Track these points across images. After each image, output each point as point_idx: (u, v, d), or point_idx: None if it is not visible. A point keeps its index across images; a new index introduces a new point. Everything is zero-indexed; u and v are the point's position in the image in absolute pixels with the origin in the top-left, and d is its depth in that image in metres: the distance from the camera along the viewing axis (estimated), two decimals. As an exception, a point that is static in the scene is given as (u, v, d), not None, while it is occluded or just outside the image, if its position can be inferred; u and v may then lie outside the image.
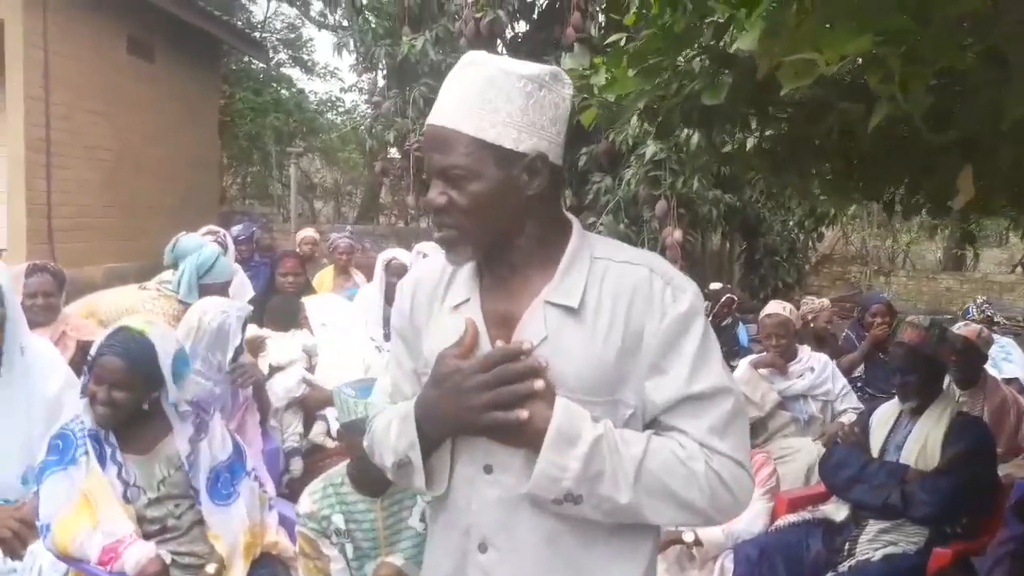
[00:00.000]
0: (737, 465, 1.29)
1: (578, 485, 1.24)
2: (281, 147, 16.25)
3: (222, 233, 5.91)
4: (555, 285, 1.33)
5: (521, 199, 1.32)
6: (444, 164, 1.30)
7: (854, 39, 1.16)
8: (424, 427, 1.34)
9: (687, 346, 1.29)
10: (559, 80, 1.34)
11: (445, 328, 1.38)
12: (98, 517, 2.47)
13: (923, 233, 17.37)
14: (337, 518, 2.57)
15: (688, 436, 1.29)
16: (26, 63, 8.10)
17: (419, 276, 1.50)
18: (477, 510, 1.35)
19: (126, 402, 2.53)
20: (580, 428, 1.25)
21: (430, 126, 1.32)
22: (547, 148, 1.31)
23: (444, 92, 1.33)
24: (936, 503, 3.08)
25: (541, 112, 1.30)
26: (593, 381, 1.29)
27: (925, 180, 2.36)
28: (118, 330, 2.61)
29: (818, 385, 4.36)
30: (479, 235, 1.33)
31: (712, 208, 8.75)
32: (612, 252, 1.37)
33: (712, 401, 1.29)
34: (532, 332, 1.31)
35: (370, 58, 10.19)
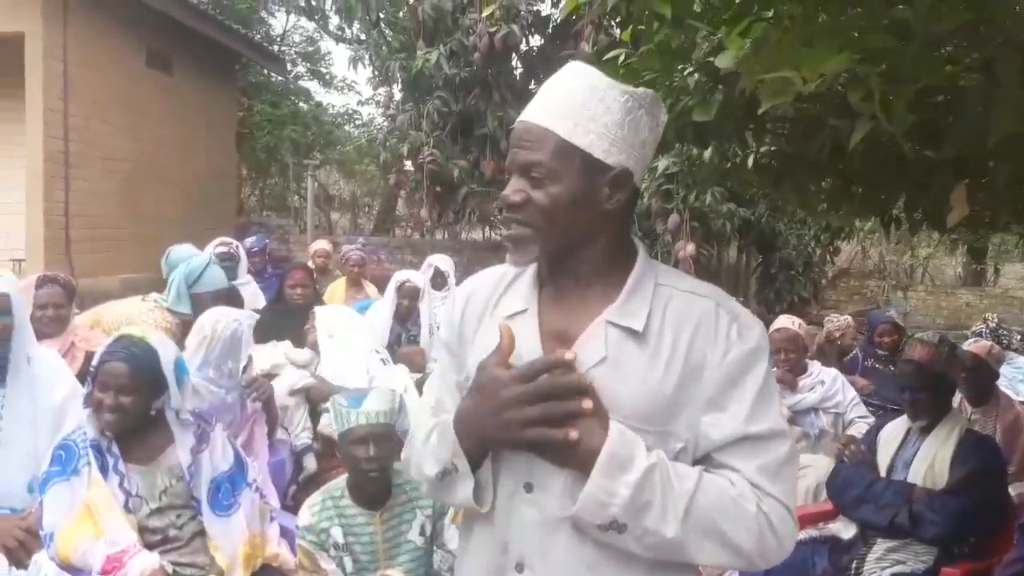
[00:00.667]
0: (785, 510, 1.25)
1: (624, 513, 1.19)
2: (299, 159, 16.37)
3: (235, 244, 5.97)
4: (619, 306, 1.29)
5: (598, 211, 1.29)
6: (529, 160, 1.27)
7: (832, 57, 1.17)
8: (463, 440, 1.30)
9: (749, 385, 1.26)
10: (658, 105, 1.33)
11: (496, 337, 1.32)
12: (101, 527, 2.49)
13: (942, 247, 17.21)
14: (336, 531, 2.58)
15: (740, 475, 1.25)
16: (45, 75, 8.21)
17: (474, 287, 1.47)
18: (516, 528, 1.30)
19: (133, 407, 2.57)
20: (634, 454, 1.20)
21: (521, 122, 1.30)
22: (634, 167, 1.29)
23: (542, 92, 1.31)
24: (945, 523, 3.04)
25: (636, 131, 1.28)
26: (648, 409, 1.25)
27: (921, 197, 2.35)
28: (119, 338, 2.66)
29: (829, 398, 4.32)
30: (551, 238, 1.29)
31: (726, 222, 8.74)
32: (676, 281, 1.34)
33: (768, 443, 1.26)
34: (591, 351, 1.27)
35: (385, 72, 10.28)
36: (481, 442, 1.30)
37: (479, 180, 10.36)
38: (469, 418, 1.30)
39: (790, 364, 4.36)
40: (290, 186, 18.26)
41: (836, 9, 1.39)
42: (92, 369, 2.61)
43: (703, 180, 3.28)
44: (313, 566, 2.59)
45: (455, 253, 10.20)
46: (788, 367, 4.36)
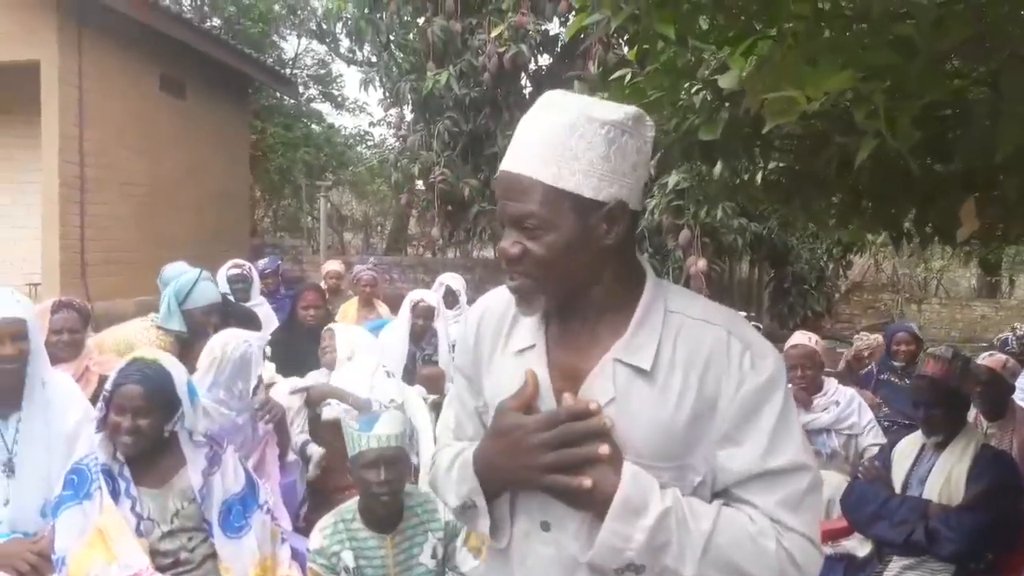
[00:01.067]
0: (809, 542, 1.23)
1: (641, 556, 1.18)
2: (311, 180, 16.46)
3: (247, 266, 6.00)
4: (626, 342, 1.26)
5: (598, 249, 1.25)
6: (520, 213, 1.23)
7: (836, 75, 1.16)
8: (482, 477, 1.30)
9: (765, 418, 1.23)
10: (642, 123, 1.27)
11: (507, 373, 1.34)
12: (114, 551, 2.49)
13: (956, 260, 17.11)
14: (347, 555, 2.58)
15: (759, 511, 1.22)
16: (61, 101, 8.32)
17: (484, 310, 1.45)
18: (532, 566, 1.30)
19: (149, 430, 2.59)
20: (648, 498, 1.19)
21: (504, 172, 1.26)
22: (627, 195, 1.25)
23: (521, 135, 1.26)
24: (962, 540, 3.01)
25: (623, 158, 1.23)
26: (662, 446, 1.23)
27: (930, 211, 2.34)
28: (132, 361, 2.68)
29: (843, 419, 4.21)
30: (555, 287, 1.27)
31: (737, 237, 8.72)
32: (687, 306, 1.30)
33: (788, 477, 1.23)
34: (599, 391, 1.25)
35: (396, 93, 10.35)
36: (499, 483, 1.30)
37: (490, 199, 10.39)
38: (488, 459, 1.30)
39: (806, 381, 4.27)
40: (303, 207, 18.35)
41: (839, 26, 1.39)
42: (106, 393, 2.63)
43: (713, 196, 3.28)
44: (324, 589, 2.59)
45: (466, 271, 10.23)
46: (804, 384, 4.27)
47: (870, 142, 1.30)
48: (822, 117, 1.89)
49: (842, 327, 12.49)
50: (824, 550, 3.27)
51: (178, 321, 4.11)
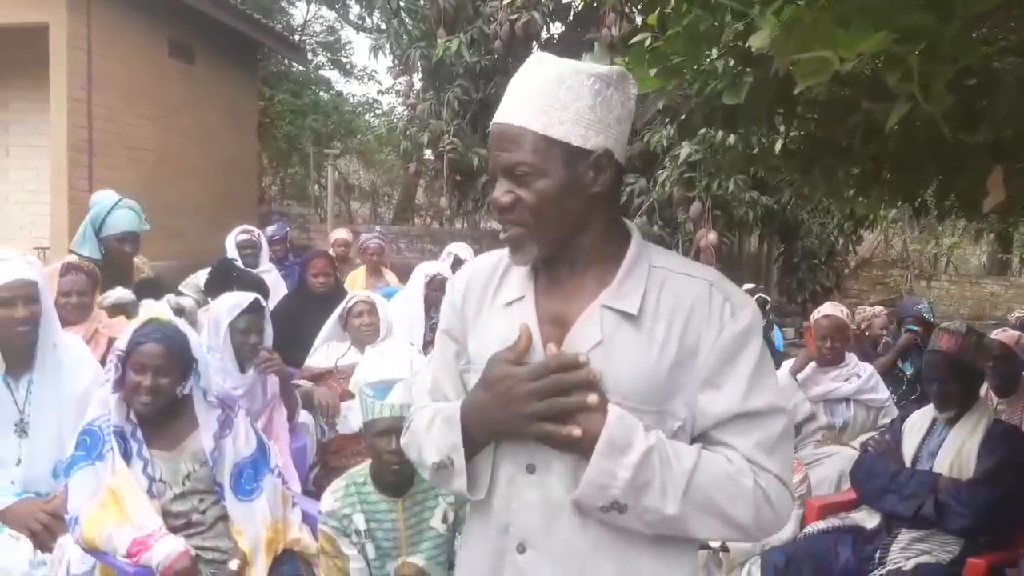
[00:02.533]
0: (782, 484, 1.29)
1: (625, 494, 1.23)
2: (319, 148, 16.37)
3: (256, 232, 6.01)
4: (614, 289, 1.32)
5: (587, 197, 1.31)
6: (511, 161, 1.29)
7: (869, 37, 1.14)
8: (469, 429, 1.33)
9: (744, 363, 1.29)
10: (626, 79, 1.34)
11: (496, 326, 1.38)
12: (126, 512, 2.51)
13: (966, 237, 17.03)
14: (358, 518, 2.58)
15: (737, 452, 1.28)
16: (69, 66, 8.27)
17: (473, 271, 1.49)
18: (517, 509, 1.33)
19: (169, 388, 2.62)
20: (632, 437, 1.23)
21: (496, 125, 1.32)
22: (613, 146, 1.31)
23: (511, 91, 1.32)
24: (972, 514, 3.01)
25: (608, 110, 1.30)
26: (645, 390, 1.28)
27: (955, 181, 2.30)
28: (148, 321, 2.70)
29: (864, 391, 4.24)
30: (546, 233, 1.32)
31: (748, 210, 8.66)
32: (670, 262, 1.37)
33: (764, 419, 1.29)
34: (587, 335, 1.30)
35: (406, 60, 10.26)
36: (488, 433, 1.33)
37: (499, 169, 10.32)
38: (477, 410, 1.33)
39: (834, 353, 4.26)
40: (310, 175, 18.28)
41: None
42: (120, 352, 2.63)
43: (727, 167, 3.24)
44: (335, 551, 2.60)
45: (474, 241, 10.19)
46: (831, 356, 4.26)
47: (902, 106, 1.28)
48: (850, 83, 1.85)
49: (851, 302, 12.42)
50: (833, 522, 3.31)
51: (91, 247, 4.17)
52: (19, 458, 2.82)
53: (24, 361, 2.86)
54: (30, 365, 2.87)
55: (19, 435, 2.83)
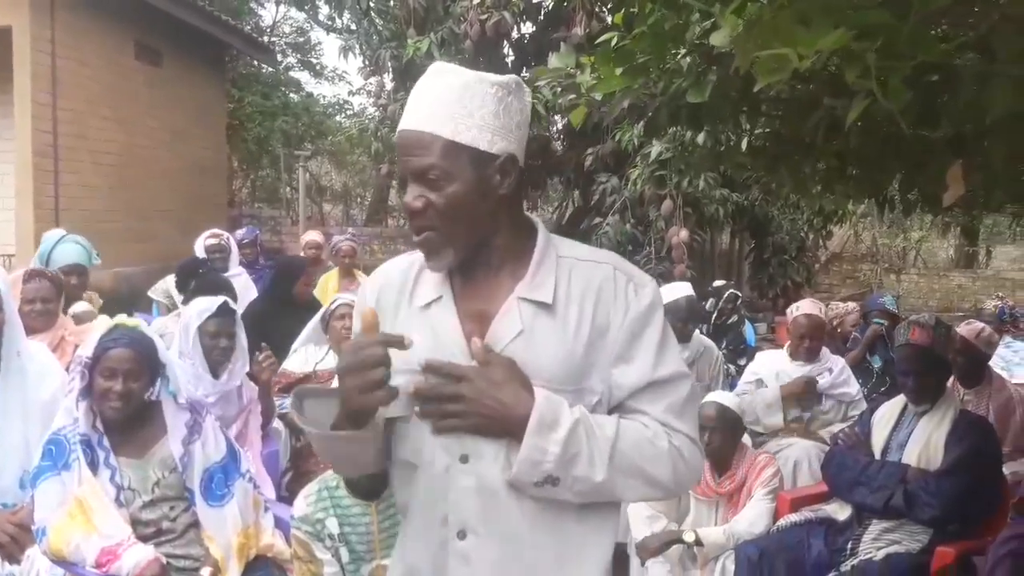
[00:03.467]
0: (692, 442, 1.41)
1: (557, 467, 1.31)
2: (290, 150, 16.23)
3: (225, 236, 5.95)
4: (527, 282, 1.40)
5: (494, 199, 1.37)
6: (422, 166, 1.34)
7: (828, 34, 1.15)
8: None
9: (650, 337, 1.39)
10: (522, 88, 1.41)
11: (414, 328, 1.41)
12: (94, 522, 2.48)
13: (934, 231, 17.27)
14: (331, 522, 2.57)
15: (650, 416, 1.39)
16: (33, 68, 8.15)
17: (384, 277, 1.53)
18: (455, 499, 1.39)
19: (140, 392, 2.61)
20: (559, 414, 1.32)
21: (405, 131, 1.36)
22: (516, 150, 1.38)
23: (417, 98, 1.37)
24: (940, 504, 3.05)
25: (510, 116, 1.37)
26: (564, 371, 1.37)
27: (917, 176, 2.33)
28: (114, 327, 2.66)
29: (837, 385, 4.30)
30: (458, 236, 1.37)
31: (719, 207, 8.71)
32: (574, 251, 1.46)
33: (672, 385, 1.40)
34: (507, 327, 1.38)
35: (376, 61, 10.19)
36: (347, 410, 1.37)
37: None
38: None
39: (811, 352, 4.28)
40: (281, 177, 18.13)
41: (831, -15, 1.37)
42: (86, 360, 2.59)
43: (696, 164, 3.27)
44: (308, 556, 2.58)
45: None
46: (807, 354, 4.28)
47: (861, 102, 1.29)
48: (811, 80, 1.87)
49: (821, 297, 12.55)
50: (805, 514, 3.34)
51: None
52: (-15, 469, 2.77)
53: (-13, 370, 2.81)
54: (-6, 373, 2.82)
55: (-16, 445, 2.78)
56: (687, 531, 3.25)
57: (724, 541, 3.23)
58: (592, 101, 2.19)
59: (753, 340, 7.11)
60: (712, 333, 5.74)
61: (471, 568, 1.39)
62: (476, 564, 1.38)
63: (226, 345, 3.42)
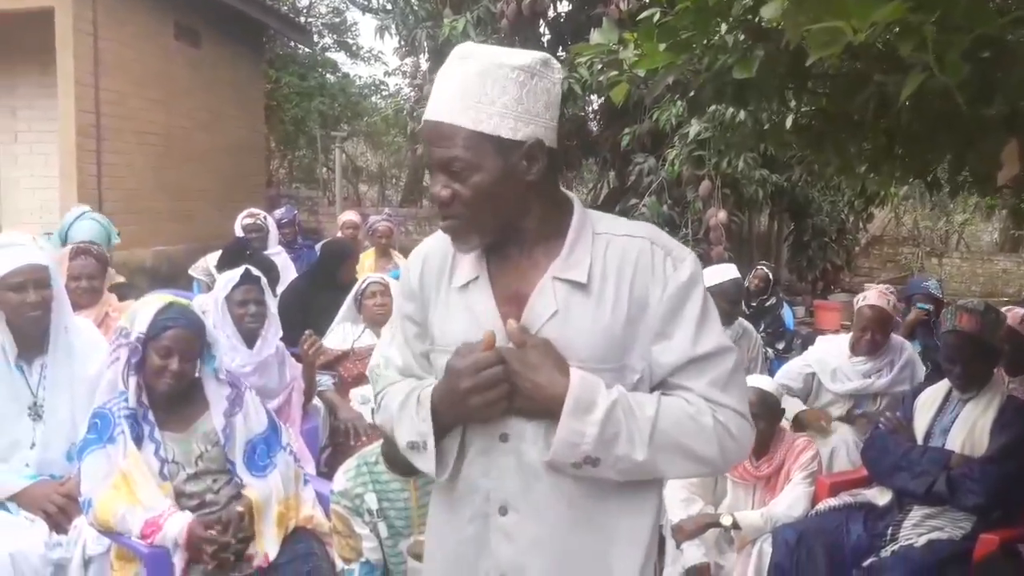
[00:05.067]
0: (740, 416, 1.38)
1: (596, 448, 1.30)
2: (326, 131, 16.30)
3: (262, 216, 6.01)
4: (562, 261, 1.39)
5: (522, 185, 1.36)
6: (445, 158, 1.34)
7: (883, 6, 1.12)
8: (438, 412, 1.41)
9: (690, 312, 1.37)
10: (549, 66, 1.37)
11: (455, 307, 1.45)
12: (138, 495, 2.53)
13: (978, 213, 16.89)
14: (370, 497, 2.59)
15: (694, 393, 1.37)
16: (76, 50, 8.24)
17: (426, 252, 1.54)
18: (496, 476, 1.41)
19: (191, 372, 2.68)
20: (595, 395, 1.31)
21: (428, 121, 1.36)
22: (543, 134, 1.35)
23: (439, 87, 1.36)
24: (985, 491, 3.00)
25: (535, 100, 1.34)
26: (602, 350, 1.36)
27: (969, 155, 2.27)
28: (169, 305, 2.70)
29: (899, 382, 3.98)
30: (484, 223, 1.38)
31: (758, 188, 8.57)
32: (612, 226, 1.44)
33: (715, 360, 1.37)
34: (542, 308, 1.38)
35: (412, 41, 10.17)
36: (452, 419, 1.41)
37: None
38: (441, 396, 1.40)
39: (872, 346, 3.98)
40: (318, 158, 18.23)
41: (886, -43, 1.33)
42: (140, 335, 2.62)
43: (737, 144, 3.22)
44: (347, 530, 2.61)
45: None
46: (868, 348, 3.99)
47: (917, 76, 1.26)
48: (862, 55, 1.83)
49: (861, 280, 12.39)
50: (844, 499, 3.31)
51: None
52: (33, 441, 2.84)
53: (37, 345, 2.88)
54: (43, 349, 2.88)
55: (33, 419, 2.84)
56: (724, 514, 3.24)
57: (762, 524, 3.21)
58: (635, 78, 2.17)
59: (792, 323, 7.03)
60: (750, 316, 5.65)
61: (514, 545, 1.40)
62: (518, 540, 1.40)
63: (255, 311, 3.47)
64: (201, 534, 2.48)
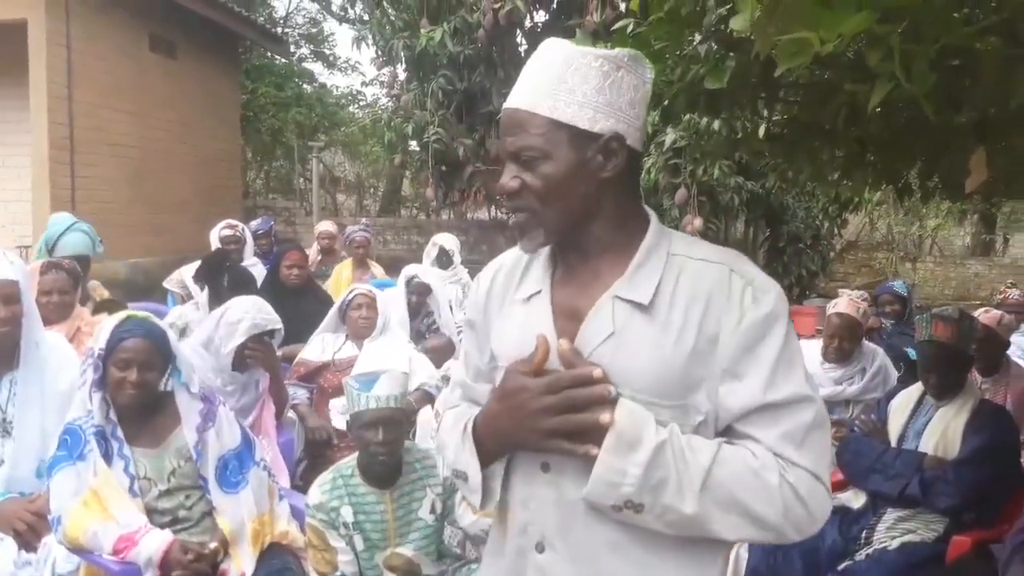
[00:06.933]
0: (814, 479, 1.21)
1: (639, 493, 1.18)
2: (303, 141, 16.26)
3: (240, 227, 5.97)
4: (626, 279, 1.27)
5: (596, 182, 1.27)
6: (518, 146, 1.27)
7: (850, 17, 1.13)
8: (484, 441, 1.32)
9: (767, 351, 1.22)
10: (639, 63, 1.29)
11: (514, 321, 1.36)
12: (110, 512, 2.50)
13: (951, 218, 17.11)
14: (345, 510, 2.57)
15: (762, 445, 1.21)
16: (49, 62, 8.19)
17: (498, 267, 1.46)
18: (535, 508, 1.31)
19: (153, 382, 2.63)
20: (642, 432, 1.18)
21: (506, 110, 1.29)
22: (624, 130, 1.26)
23: (522, 77, 1.30)
24: (958, 493, 3.02)
25: (619, 93, 1.25)
26: (661, 383, 1.22)
27: (938, 162, 2.30)
28: (126, 319, 2.68)
29: (870, 390, 3.96)
30: (552, 218, 1.28)
31: (734, 195, 8.66)
32: (690, 249, 1.30)
33: (791, 410, 1.21)
34: (598, 327, 1.26)
35: (389, 51, 10.18)
36: (501, 445, 1.31)
37: (485, 159, 10.29)
38: (492, 421, 1.30)
39: (841, 353, 3.98)
40: (295, 168, 18.17)
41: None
42: (100, 351, 2.60)
43: (712, 152, 3.23)
44: (323, 544, 2.59)
45: (461, 232, 10.14)
46: (837, 355, 3.98)
47: (884, 86, 1.27)
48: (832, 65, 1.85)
49: (836, 285, 12.48)
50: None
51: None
52: (2, 458, 2.79)
53: (6, 361, 2.83)
54: (12, 364, 2.84)
55: (2, 435, 2.80)
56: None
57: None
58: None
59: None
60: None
61: None
62: None
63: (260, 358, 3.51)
64: (180, 558, 2.45)
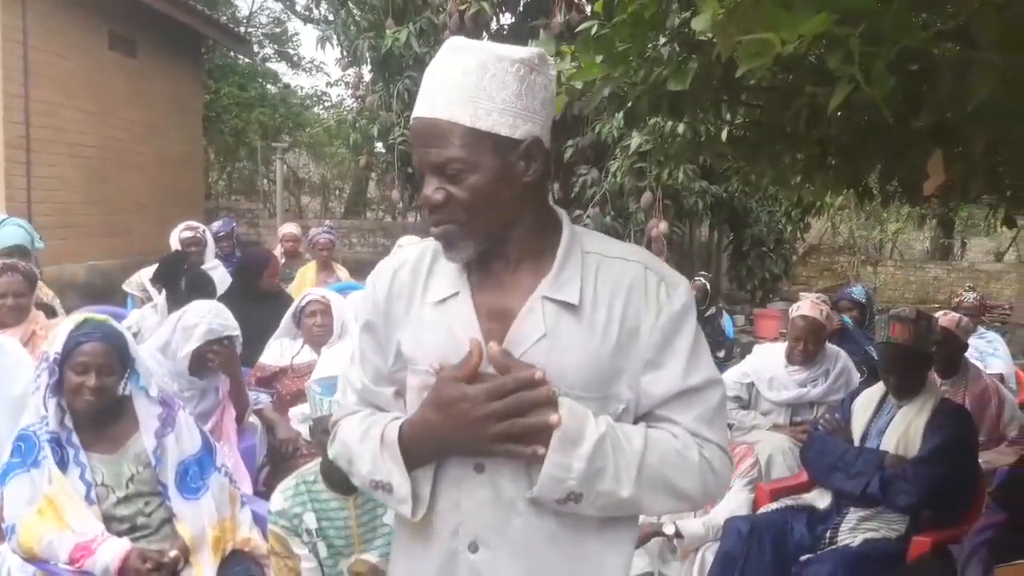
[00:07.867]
0: (723, 452, 1.33)
1: (581, 484, 1.23)
2: (267, 142, 16.09)
3: (201, 229, 5.89)
4: (552, 280, 1.30)
5: (519, 187, 1.27)
6: (441, 159, 1.24)
7: (811, 18, 1.13)
8: (413, 450, 1.30)
9: (682, 342, 1.31)
10: (546, 62, 1.30)
11: (431, 324, 1.34)
12: (66, 520, 2.44)
13: (911, 222, 17.43)
14: (308, 517, 2.53)
15: (680, 427, 1.30)
16: (5, 59, 8.01)
17: (397, 265, 1.42)
18: (467, 510, 1.31)
19: (113, 387, 2.57)
20: (583, 427, 1.23)
21: (420, 119, 1.26)
22: (540, 132, 1.28)
23: (431, 81, 1.26)
24: (917, 492, 3.06)
25: (533, 96, 1.25)
26: (590, 377, 1.27)
27: (897, 166, 2.33)
28: (84, 322, 2.62)
29: (833, 391, 3.98)
30: (480, 228, 1.28)
31: (698, 200, 8.74)
32: (602, 246, 1.36)
33: (704, 393, 1.32)
34: (530, 328, 1.28)
35: (354, 52, 10.10)
36: (437, 454, 1.30)
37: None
38: (427, 431, 1.28)
39: (805, 355, 3.97)
40: (259, 169, 17.98)
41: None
42: (56, 355, 2.54)
43: (676, 155, 3.25)
44: (285, 551, 2.55)
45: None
46: (801, 357, 3.98)
47: (844, 88, 1.28)
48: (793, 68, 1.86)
49: (799, 289, 12.65)
50: (786, 502, 3.35)
51: None
52: (-47, 465, 2.72)
53: (-43, 365, 2.76)
54: (-37, 369, 2.77)
55: (-48, 441, 2.73)
56: (667, 523, 3.25)
57: (704, 533, 3.23)
58: (572, 90, 2.17)
59: (732, 332, 7.15)
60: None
61: None
62: None
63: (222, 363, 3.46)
64: (138, 567, 2.40)
